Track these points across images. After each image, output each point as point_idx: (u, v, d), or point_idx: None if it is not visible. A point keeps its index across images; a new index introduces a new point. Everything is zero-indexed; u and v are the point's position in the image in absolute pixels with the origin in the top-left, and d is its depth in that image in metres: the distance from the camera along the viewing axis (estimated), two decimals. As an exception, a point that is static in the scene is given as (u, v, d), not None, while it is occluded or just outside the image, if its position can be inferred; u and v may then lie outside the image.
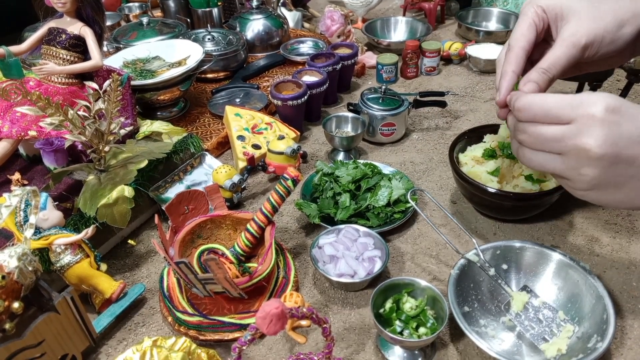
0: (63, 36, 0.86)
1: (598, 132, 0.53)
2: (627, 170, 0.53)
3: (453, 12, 1.75)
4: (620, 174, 0.54)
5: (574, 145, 0.54)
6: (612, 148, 0.52)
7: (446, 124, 1.19)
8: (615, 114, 0.52)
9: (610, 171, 0.54)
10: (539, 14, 0.65)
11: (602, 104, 0.53)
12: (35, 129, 0.84)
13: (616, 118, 0.52)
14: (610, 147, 0.52)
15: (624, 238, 0.85)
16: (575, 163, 0.55)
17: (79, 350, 0.66)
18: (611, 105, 0.53)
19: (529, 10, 0.66)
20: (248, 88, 1.25)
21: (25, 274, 0.58)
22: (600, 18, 0.62)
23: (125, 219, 0.81)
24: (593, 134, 0.53)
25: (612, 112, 0.52)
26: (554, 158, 0.57)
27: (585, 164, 0.54)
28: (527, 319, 0.69)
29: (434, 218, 0.91)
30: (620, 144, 0.52)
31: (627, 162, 0.53)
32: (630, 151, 0.52)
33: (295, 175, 0.75)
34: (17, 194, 0.66)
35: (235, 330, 0.70)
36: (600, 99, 0.53)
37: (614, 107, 0.53)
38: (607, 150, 0.53)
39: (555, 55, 0.62)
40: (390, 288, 0.70)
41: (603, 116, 0.52)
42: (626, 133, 0.52)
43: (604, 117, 0.52)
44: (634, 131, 0.52)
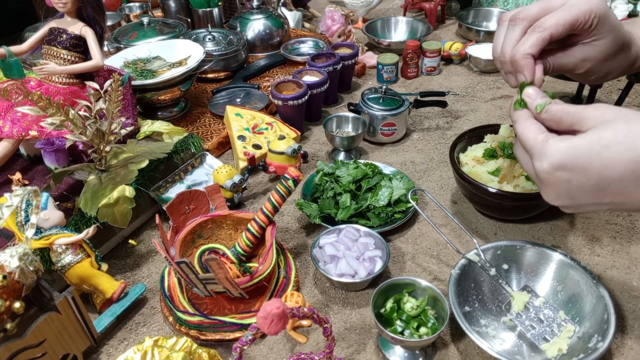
0: (64, 36, 0.86)
1: (548, 190, 0.55)
2: (598, 207, 0.54)
3: (453, 12, 1.75)
4: (593, 209, 0.55)
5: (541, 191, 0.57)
6: (568, 200, 0.54)
7: (447, 124, 1.19)
8: (562, 170, 0.52)
9: (582, 210, 0.56)
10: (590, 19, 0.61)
11: (547, 162, 0.53)
12: (36, 129, 0.84)
13: (564, 175, 0.52)
14: (565, 200, 0.54)
15: (625, 238, 0.85)
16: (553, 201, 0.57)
17: (80, 350, 0.66)
18: (556, 164, 0.52)
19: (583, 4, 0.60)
20: (249, 88, 1.25)
21: (26, 274, 0.58)
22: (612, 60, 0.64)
23: (126, 219, 0.81)
24: (545, 190, 0.56)
25: (557, 169, 0.52)
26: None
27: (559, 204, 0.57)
28: (528, 319, 0.69)
29: (434, 218, 0.91)
30: (575, 196, 0.53)
31: (592, 205, 0.54)
32: (588, 198, 0.53)
33: (296, 175, 0.75)
34: (18, 193, 0.66)
35: (236, 330, 0.71)
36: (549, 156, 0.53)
37: (560, 165, 0.52)
38: (563, 202, 0.55)
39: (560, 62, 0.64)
40: (391, 288, 0.70)
41: (548, 176, 0.53)
42: (577, 187, 0.52)
43: (549, 177, 0.53)
44: (585, 183, 0.51)
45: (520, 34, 0.63)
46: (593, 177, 0.51)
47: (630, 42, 0.66)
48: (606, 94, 1.26)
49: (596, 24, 0.61)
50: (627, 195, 0.50)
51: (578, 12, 0.60)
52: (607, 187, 0.50)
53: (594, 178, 0.51)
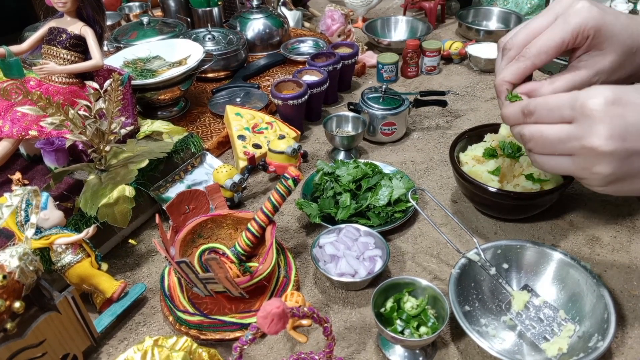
0: (63, 36, 0.86)
1: (601, 129, 0.49)
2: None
3: (453, 11, 1.75)
4: (634, 166, 0.51)
5: (581, 146, 0.52)
6: (620, 142, 0.49)
7: (447, 124, 1.19)
8: (616, 105, 0.49)
9: (624, 165, 0.51)
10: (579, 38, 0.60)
11: (600, 97, 0.50)
12: (36, 128, 0.84)
13: (618, 110, 0.49)
14: (618, 142, 0.49)
15: (625, 237, 0.85)
16: (586, 163, 0.52)
17: (80, 349, 0.66)
18: (610, 98, 0.50)
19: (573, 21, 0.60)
20: (248, 87, 1.25)
21: (26, 274, 0.58)
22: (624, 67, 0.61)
23: (126, 219, 0.81)
24: (597, 131, 0.50)
25: (612, 104, 0.49)
26: (565, 160, 0.55)
27: (596, 163, 0.51)
28: (528, 318, 0.69)
29: (434, 217, 0.91)
30: (627, 136, 0.49)
31: (639, 154, 0.50)
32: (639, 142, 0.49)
33: (296, 175, 0.75)
34: (18, 193, 0.66)
35: (236, 329, 0.71)
36: (599, 92, 0.50)
37: (614, 99, 0.49)
38: (615, 145, 0.49)
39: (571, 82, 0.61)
40: (391, 287, 0.70)
41: (603, 110, 0.49)
42: (632, 124, 0.49)
43: (604, 112, 0.49)
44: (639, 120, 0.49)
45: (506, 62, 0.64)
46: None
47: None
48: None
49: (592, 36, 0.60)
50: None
51: (563, 33, 0.60)
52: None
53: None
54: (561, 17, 0.61)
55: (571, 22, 0.60)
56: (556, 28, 0.60)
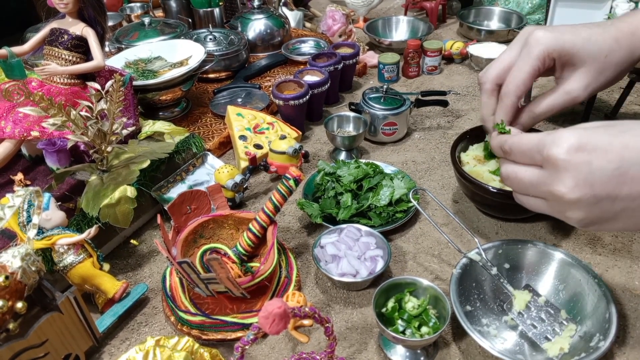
0: (65, 37, 0.86)
1: (566, 177, 0.50)
2: (613, 205, 0.50)
3: (454, 11, 1.75)
4: (607, 210, 0.50)
5: (549, 192, 0.52)
6: (587, 189, 0.49)
7: (448, 123, 1.18)
8: (581, 152, 0.49)
9: (595, 210, 0.51)
10: (546, 62, 0.64)
11: (564, 145, 0.50)
12: (38, 129, 0.84)
13: (583, 157, 0.49)
14: (584, 189, 0.49)
15: (626, 237, 0.85)
16: (559, 207, 0.53)
17: (82, 349, 0.66)
18: (574, 145, 0.49)
19: (537, 52, 0.64)
20: (250, 88, 1.25)
21: (28, 274, 0.58)
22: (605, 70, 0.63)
23: (128, 219, 0.82)
24: (562, 179, 0.50)
25: (576, 151, 0.49)
26: (541, 202, 0.56)
27: (567, 208, 0.52)
28: (530, 318, 0.69)
29: (435, 217, 0.91)
30: (594, 183, 0.49)
31: (609, 199, 0.49)
32: (608, 187, 0.49)
33: (297, 175, 0.75)
34: (20, 194, 0.66)
35: (237, 329, 0.71)
36: (564, 139, 0.50)
37: (579, 146, 0.49)
38: (582, 193, 0.50)
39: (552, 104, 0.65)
40: (393, 287, 0.70)
41: (567, 159, 0.49)
42: (598, 170, 0.48)
43: (568, 160, 0.49)
44: (606, 166, 0.48)
45: (486, 97, 0.69)
46: (614, 159, 0.48)
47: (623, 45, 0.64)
48: (607, 93, 1.26)
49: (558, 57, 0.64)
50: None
51: (530, 62, 0.64)
52: (628, 171, 0.48)
53: (614, 160, 0.48)
54: (524, 49, 0.65)
55: (534, 51, 0.64)
56: (523, 60, 0.65)
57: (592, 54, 0.63)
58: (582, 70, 0.63)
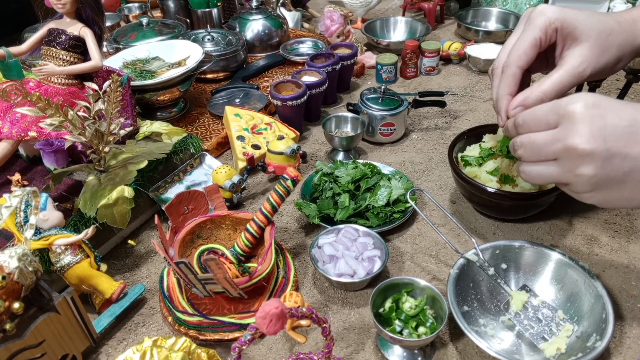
0: (63, 37, 0.86)
1: (582, 128, 0.53)
2: (623, 163, 0.52)
3: (452, 12, 1.75)
4: (617, 169, 0.52)
5: (564, 146, 0.54)
6: (600, 142, 0.52)
7: (445, 124, 1.19)
8: (596, 108, 0.53)
9: (607, 167, 0.52)
10: (548, 33, 0.64)
11: (581, 101, 0.53)
12: (35, 129, 0.84)
13: (598, 112, 0.52)
14: (598, 141, 0.52)
15: (623, 237, 0.85)
16: (570, 164, 0.54)
17: (79, 350, 0.66)
18: (590, 101, 0.53)
19: (538, 22, 0.64)
20: (248, 88, 1.25)
21: (25, 275, 0.58)
22: (607, 50, 0.63)
23: (125, 220, 0.82)
24: (578, 131, 0.53)
25: (592, 107, 0.53)
26: (551, 165, 0.57)
27: (579, 164, 0.53)
28: (527, 318, 0.69)
29: (433, 218, 0.91)
30: (607, 137, 0.52)
31: (620, 156, 0.52)
32: (620, 143, 0.52)
33: (295, 176, 0.76)
34: (17, 194, 0.66)
35: (235, 330, 0.71)
36: (580, 96, 0.54)
37: (594, 103, 0.53)
38: (596, 144, 0.52)
39: (557, 80, 0.63)
40: (390, 288, 0.71)
41: (584, 112, 0.53)
42: (611, 125, 0.52)
43: (584, 113, 0.53)
44: (618, 122, 0.52)
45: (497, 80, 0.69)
46: (626, 117, 0.52)
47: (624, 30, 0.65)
48: (605, 93, 1.26)
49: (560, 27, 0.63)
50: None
51: (532, 32, 0.64)
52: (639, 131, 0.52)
53: (626, 118, 0.52)
54: (527, 23, 0.66)
55: (536, 22, 0.65)
56: (525, 31, 0.65)
57: (595, 29, 0.63)
58: (584, 45, 0.63)
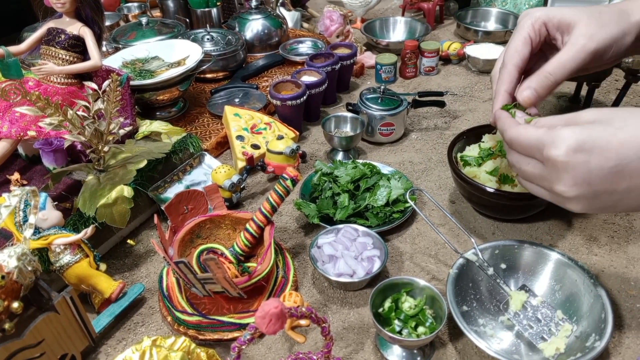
0: (62, 36, 0.86)
1: (565, 177, 0.53)
2: (611, 198, 0.52)
3: (452, 12, 1.75)
4: (606, 202, 0.53)
5: (550, 188, 0.56)
6: (585, 187, 0.52)
7: (445, 124, 1.19)
8: (580, 152, 0.51)
9: (595, 202, 0.54)
10: (536, 28, 0.66)
11: (563, 146, 0.52)
12: (35, 129, 0.84)
13: (582, 157, 0.51)
14: (583, 187, 0.52)
15: (622, 237, 0.85)
16: (560, 200, 0.56)
17: (78, 350, 0.66)
18: (572, 146, 0.51)
19: (525, 23, 0.67)
20: (247, 88, 1.25)
21: (24, 274, 0.58)
22: (606, 25, 0.62)
23: (125, 219, 0.82)
24: (561, 178, 0.53)
25: (574, 152, 0.51)
26: (544, 191, 0.58)
27: (567, 202, 0.55)
28: (526, 318, 0.69)
29: (432, 218, 0.91)
30: (592, 181, 0.51)
31: (607, 193, 0.52)
32: (605, 184, 0.51)
33: (294, 175, 0.75)
34: (16, 194, 0.66)
35: (234, 329, 0.71)
36: (562, 140, 0.52)
37: (576, 147, 0.51)
38: (580, 190, 0.52)
39: (563, 58, 0.62)
40: (389, 287, 0.71)
41: (566, 160, 0.52)
42: (596, 169, 0.51)
43: (567, 161, 0.52)
44: (604, 164, 0.50)
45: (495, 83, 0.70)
46: (611, 157, 0.50)
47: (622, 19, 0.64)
48: (604, 94, 1.26)
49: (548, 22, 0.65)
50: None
51: (522, 32, 0.66)
52: (625, 168, 0.50)
53: (612, 158, 0.50)
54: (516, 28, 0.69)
55: (523, 23, 0.67)
56: (514, 34, 0.68)
57: (584, 12, 0.63)
58: (580, 25, 0.63)
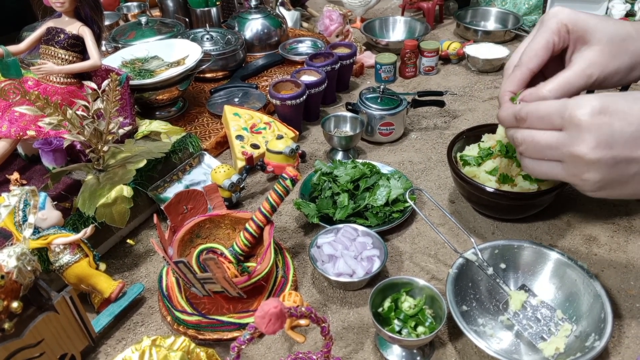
0: (61, 36, 0.86)
1: (588, 138, 0.52)
2: (628, 168, 0.52)
3: (451, 11, 1.75)
4: (622, 173, 0.53)
5: (569, 153, 0.54)
6: (607, 151, 0.51)
7: (444, 124, 1.19)
8: (603, 115, 0.51)
9: (612, 172, 0.53)
10: (562, 34, 0.63)
11: (588, 106, 0.52)
12: (34, 128, 0.84)
13: (605, 119, 0.51)
14: (604, 150, 0.51)
15: (622, 237, 0.85)
16: (575, 170, 0.54)
17: (78, 349, 0.66)
18: (597, 107, 0.51)
19: (551, 24, 0.64)
20: (247, 88, 1.25)
21: (24, 274, 0.58)
22: (619, 56, 0.61)
23: (124, 219, 0.81)
24: (584, 139, 0.52)
25: (599, 113, 0.51)
26: (556, 165, 0.56)
27: (584, 170, 0.53)
28: (525, 318, 0.69)
29: (432, 217, 0.91)
30: (614, 144, 0.51)
31: (626, 161, 0.52)
32: (626, 149, 0.51)
33: (294, 175, 0.75)
34: (15, 193, 0.66)
35: (234, 329, 0.71)
36: (587, 101, 0.52)
37: (601, 108, 0.51)
38: (602, 153, 0.52)
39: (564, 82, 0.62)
40: (389, 287, 0.71)
41: (590, 120, 0.51)
42: (618, 132, 0.51)
43: (591, 121, 0.51)
44: (626, 129, 0.51)
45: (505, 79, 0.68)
46: (634, 122, 0.51)
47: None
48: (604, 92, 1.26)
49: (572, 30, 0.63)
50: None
51: (545, 34, 0.64)
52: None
53: (634, 123, 0.51)
54: (540, 25, 0.66)
55: (549, 24, 0.64)
56: (539, 33, 0.65)
57: (607, 34, 0.61)
58: (594, 49, 0.62)
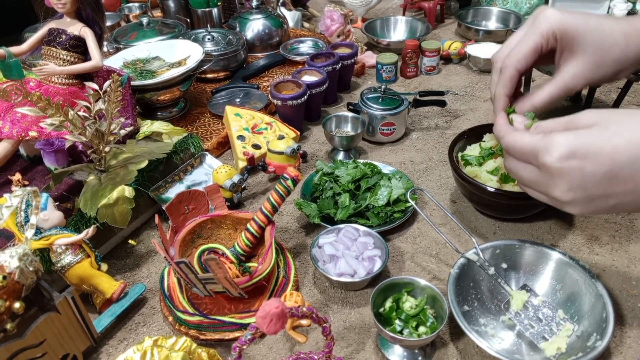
0: (63, 37, 0.86)
1: (560, 182, 0.53)
2: (606, 201, 0.53)
3: (453, 11, 1.75)
4: (601, 206, 0.53)
5: (546, 192, 0.56)
6: (580, 192, 0.52)
7: (446, 124, 1.19)
8: (572, 159, 0.51)
9: (590, 206, 0.54)
10: (550, 41, 0.64)
11: (556, 153, 0.52)
12: (36, 129, 0.84)
13: (575, 163, 0.51)
14: (577, 192, 0.52)
15: (624, 237, 0.85)
16: (557, 203, 0.56)
17: (79, 350, 0.66)
18: (565, 153, 0.51)
19: (541, 27, 0.64)
20: (248, 88, 1.25)
21: (26, 274, 0.58)
22: (603, 66, 0.62)
23: (126, 219, 0.82)
24: (556, 184, 0.53)
25: (568, 158, 0.51)
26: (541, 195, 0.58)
27: (563, 206, 0.56)
28: (527, 318, 0.69)
29: (433, 217, 0.91)
30: (586, 186, 0.52)
31: (603, 197, 0.52)
32: (600, 189, 0.51)
33: (295, 175, 0.76)
34: (17, 194, 0.66)
35: (235, 329, 0.71)
36: (555, 146, 0.52)
37: (569, 153, 0.51)
38: (575, 195, 0.53)
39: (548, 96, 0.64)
40: (390, 287, 0.71)
41: (560, 165, 0.52)
42: (590, 175, 0.51)
43: (561, 167, 0.52)
44: (598, 170, 0.50)
45: (496, 75, 0.69)
46: (605, 163, 0.50)
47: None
48: (605, 93, 1.26)
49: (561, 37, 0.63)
50: (637, 181, 0.50)
51: (534, 37, 0.64)
52: (619, 173, 0.50)
53: (606, 163, 0.50)
54: (532, 25, 0.66)
55: (540, 27, 0.64)
56: (528, 35, 0.65)
57: (594, 44, 0.62)
58: (579, 60, 0.62)
